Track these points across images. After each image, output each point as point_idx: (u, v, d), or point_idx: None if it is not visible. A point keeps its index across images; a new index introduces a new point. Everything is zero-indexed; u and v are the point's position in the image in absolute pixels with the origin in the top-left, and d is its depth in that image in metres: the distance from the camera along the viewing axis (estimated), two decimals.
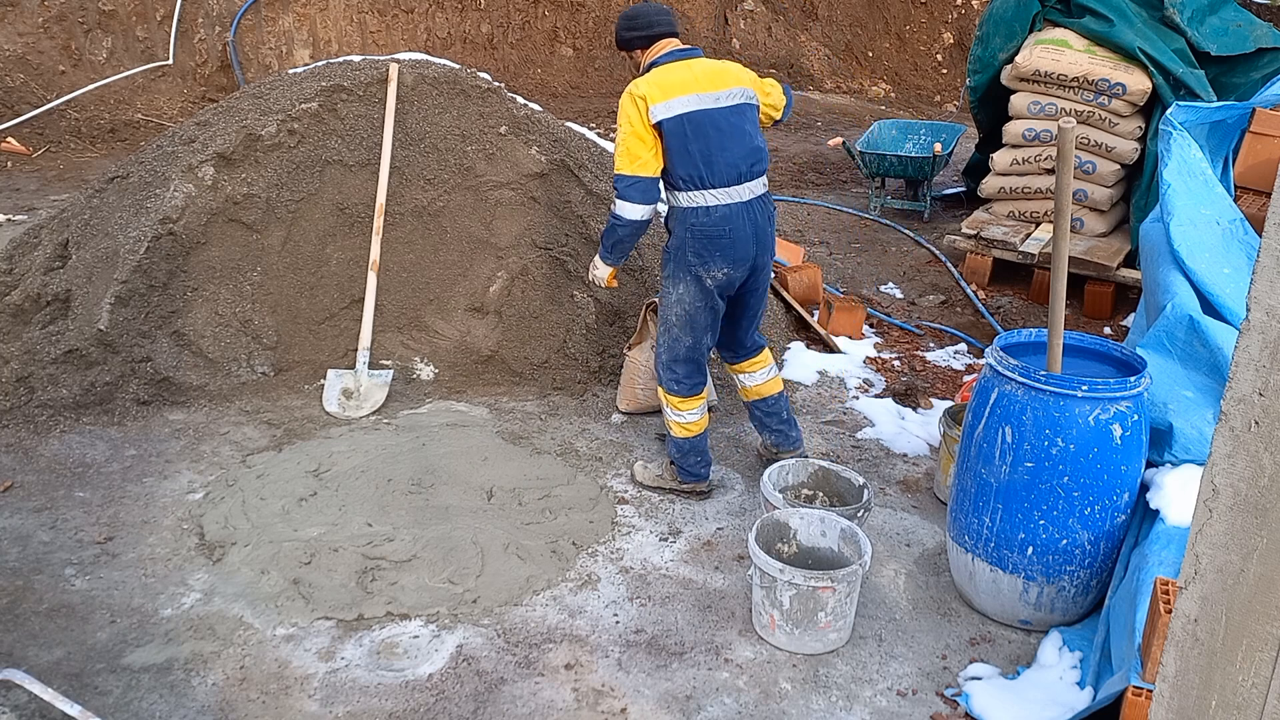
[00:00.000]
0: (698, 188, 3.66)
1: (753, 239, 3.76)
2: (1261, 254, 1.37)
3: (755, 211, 3.76)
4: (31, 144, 8.41)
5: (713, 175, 3.66)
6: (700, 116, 3.64)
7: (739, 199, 3.70)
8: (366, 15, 10.04)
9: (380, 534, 3.77)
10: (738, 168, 3.69)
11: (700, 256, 3.72)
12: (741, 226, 3.71)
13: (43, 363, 4.44)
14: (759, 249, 3.80)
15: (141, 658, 3.15)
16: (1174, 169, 4.40)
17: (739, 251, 3.74)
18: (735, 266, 3.76)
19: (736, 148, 3.69)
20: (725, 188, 3.68)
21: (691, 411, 3.98)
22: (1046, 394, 3.21)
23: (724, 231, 3.69)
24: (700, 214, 3.69)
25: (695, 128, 3.63)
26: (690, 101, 3.63)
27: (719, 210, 3.68)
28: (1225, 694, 1.52)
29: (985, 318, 6.07)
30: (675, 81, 3.65)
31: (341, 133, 4.98)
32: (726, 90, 3.72)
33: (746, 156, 3.71)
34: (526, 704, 3.05)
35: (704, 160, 3.64)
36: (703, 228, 3.69)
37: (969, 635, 3.45)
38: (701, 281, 3.76)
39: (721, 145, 3.66)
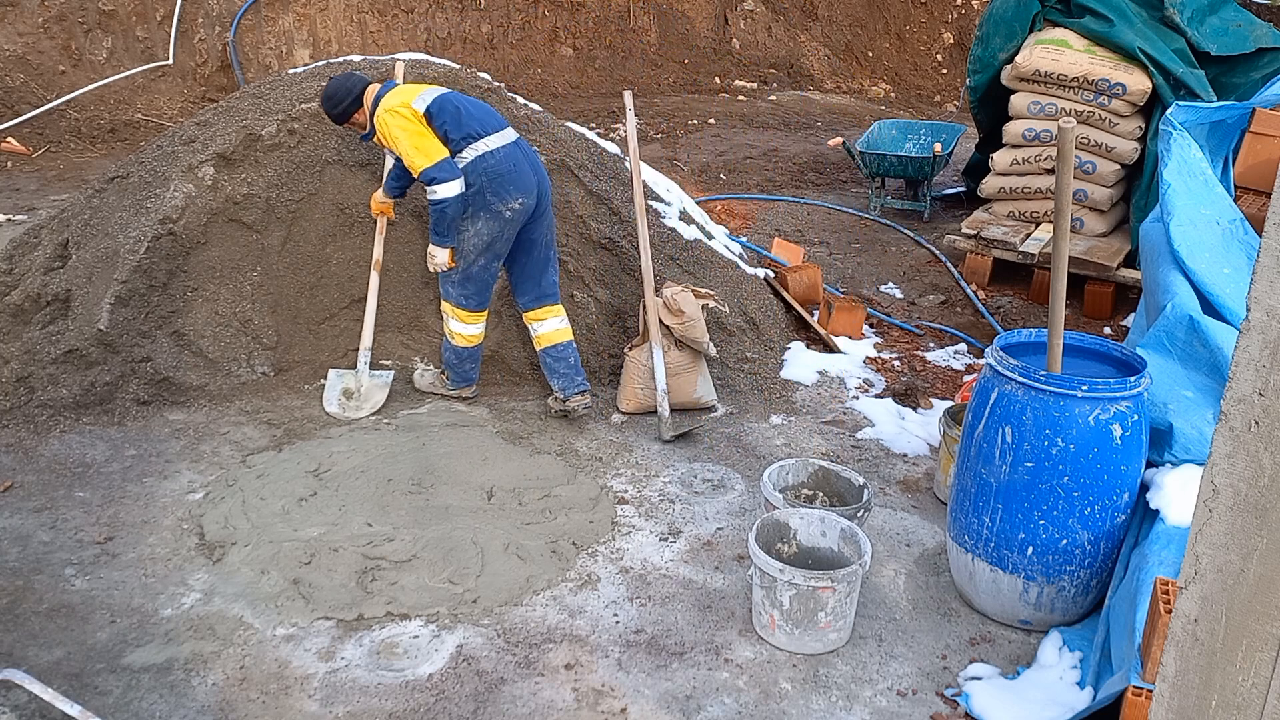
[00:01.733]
0: (477, 138, 4.28)
1: (531, 171, 4.39)
2: (1261, 254, 1.37)
3: (524, 148, 4.43)
4: (31, 144, 8.41)
5: (483, 127, 4.31)
6: (447, 95, 4.35)
7: (509, 140, 4.37)
8: (366, 15, 10.04)
9: (380, 534, 3.77)
10: (495, 117, 4.40)
11: (498, 193, 4.30)
12: (520, 161, 4.35)
13: (43, 363, 4.44)
14: (539, 179, 4.43)
15: (141, 658, 3.15)
16: (1174, 169, 4.40)
17: (525, 181, 4.35)
18: (527, 195, 4.35)
19: (480, 107, 4.42)
20: (495, 134, 4.33)
21: (474, 325, 4.58)
22: (1046, 394, 3.21)
23: (510, 167, 4.30)
24: (488, 157, 4.28)
25: (449, 102, 4.30)
26: (432, 90, 4.35)
27: (500, 150, 4.31)
28: (1225, 694, 1.52)
29: (985, 318, 6.07)
30: (410, 88, 4.40)
31: (341, 133, 4.98)
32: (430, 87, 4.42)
33: (491, 113, 4.43)
34: (526, 704, 3.05)
35: (470, 119, 4.29)
36: (493, 168, 4.28)
37: (969, 635, 3.45)
38: (501, 214, 4.33)
39: (472, 105, 4.38)
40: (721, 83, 11.81)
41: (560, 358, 4.60)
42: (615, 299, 5.10)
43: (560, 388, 4.59)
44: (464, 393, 4.72)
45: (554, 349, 4.61)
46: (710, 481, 4.27)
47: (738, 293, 5.36)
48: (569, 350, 4.63)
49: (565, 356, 4.61)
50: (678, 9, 12.03)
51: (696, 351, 4.76)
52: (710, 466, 4.38)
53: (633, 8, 11.78)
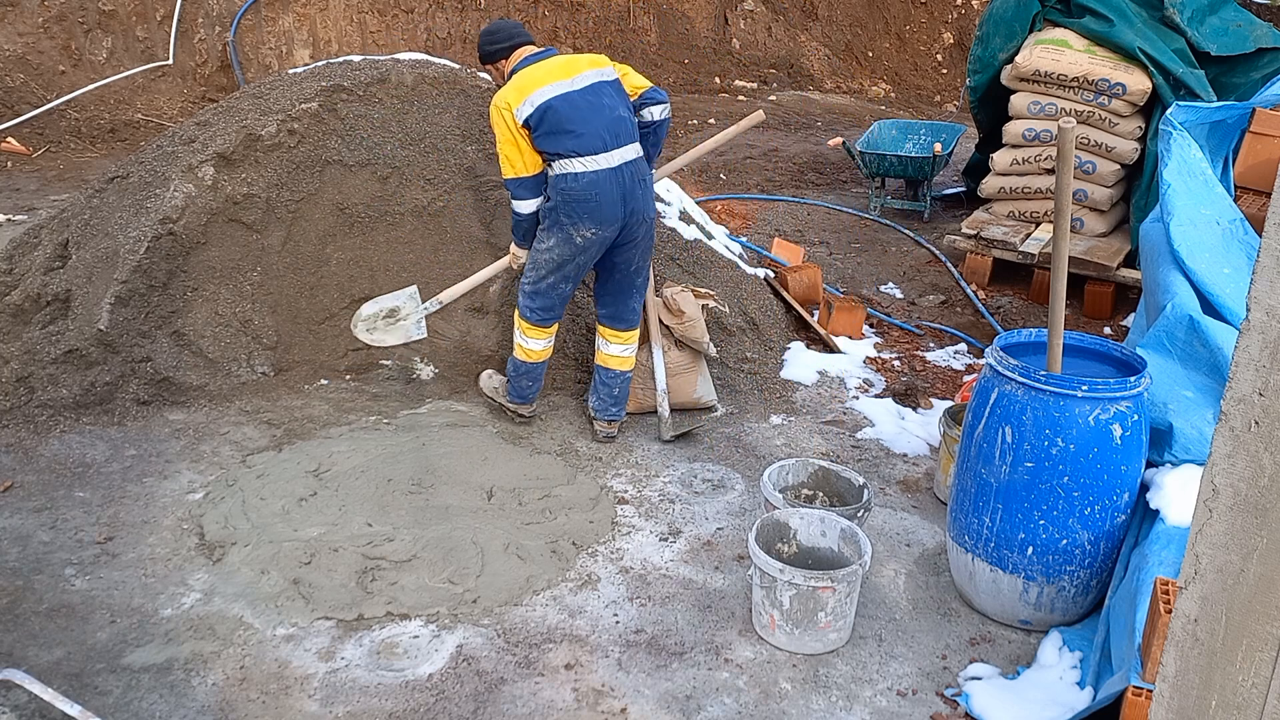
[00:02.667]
0: (568, 157, 4.06)
1: (620, 201, 4.13)
2: (1261, 254, 1.37)
3: (624, 176, 4.14)
4: (31, 144, 8.41)
5: (581, 147, 4.05)
6: (558, 101, 4.04)
7: (606, 165, 4.09)
8: (366, 15, 10.04)
9: (380, 534, 3.77)
10: (602, 138, 4.08)
11: (570, 217, 4.11)
12: (608, 190, 4.09)
13: (43, 363, 4.44)
14: (627, 211, 4.16)
15: (141, 658, 3.15)
16: (1174, 169, 4.40)
17: (605, 213, 4.11)
18: (602, 227, 4.14)
19: (598, 119, 4.08)
20: (591, 155, 4.06)
21: (537, 340, 4.41)
22: (1046, 394, 3.21)
23: (591, 195, 4.08)
24: (570, 179, 4.07)
25: (554, 113, 4.03)
26: (547, 91, 4.05)
27: (586, 176, 4.06)
28: (1225, 694, 1.52)
29: (985, 318, 6.07)
30: (531, 80, 4.09)
31: (341, 133, 4.98)
32: (579, 74, 4.14)
33: (610, 126, 4.10)
34: (526, 704, 3.05)
35: (568, 137, 4.04)
36: (572, 192, 4.08)
37: (969, 635, 3.46)
38: (572, 239, 4.15)
39: (584, 117, 4.06)
40: (721, 83, 11.81)
41: (606, 382, 4.48)
42: None
43: (593, 406, 4.52)
44: (519, 410, 4.52)
45: (606, 371, 4.48)
46: (710, 481, 4.27)
47: (738, 293, 5.36)
48: (618, 380, 4.48)
49: (611, 384, 4.48)
50: (678, 9, 12.02)
51: (696, 351, 4.76)
52: (710, 466, 4.38)
53: (633, 8, 11.78)
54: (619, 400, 4.52)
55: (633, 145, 4.18)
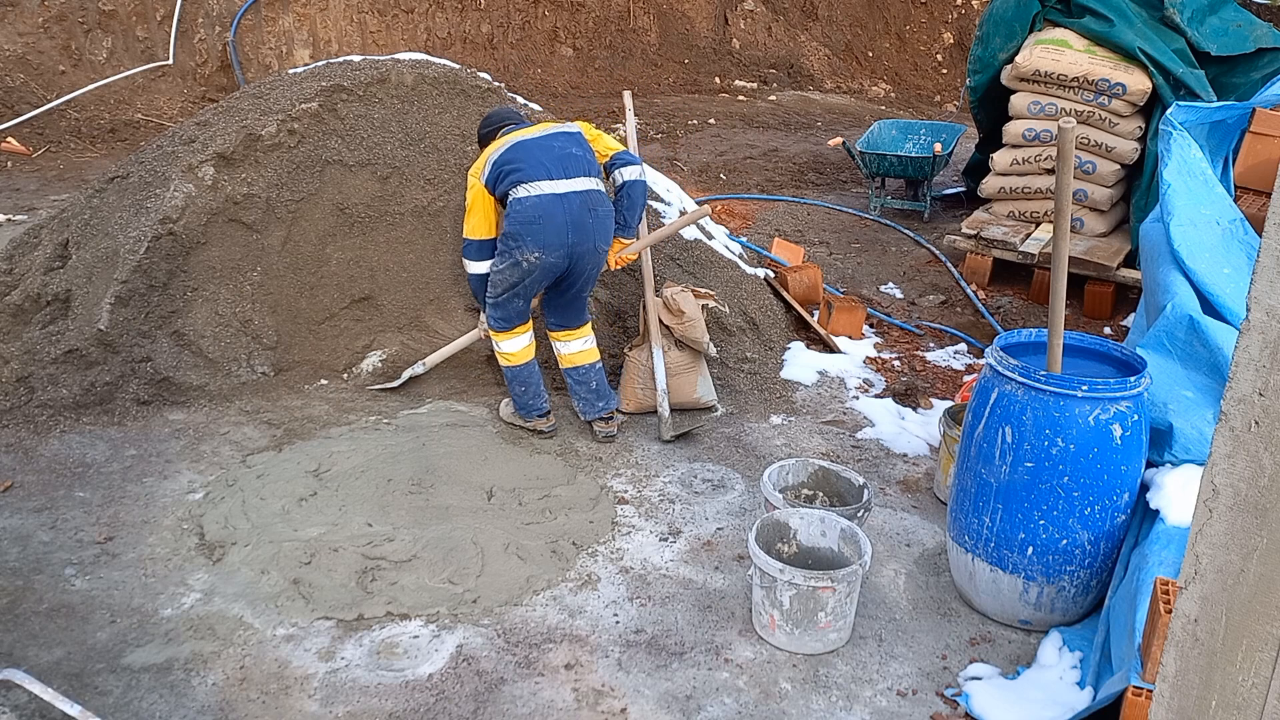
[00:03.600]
0: (519, 184, 4.17)
1: (566, 227, 4.19)
2: (1261, 254, 1.37)
3: (572, 203, 4.21)
4: (31, 144, 8.41)
5: (524, 174, 4.17)
6: (515, 148, 4.24)
7: (551, 190, 4.18)
8: (366, 15, 10.04)
9: (380, 534, 3.77)
10: (546, 167, 4.20)
11: (517, 240, 4.19)
12: (553, 213, 4.17)
13: (43, 363, 4.44)
14: (575, 239, 4.23)
15: (141, 658, 3.15)
16: (1174, 169, 4.40)
17: (549, 238, 4.18)
18: (546, 251, 4.20)
19: (545, 155, 4.23)
20: (534, 181, 4.17)
21: (508, 342, 4.45)
22: (1046, 394, 3.21)
23: (535, 217, 4.15)
24: (516, 204, 4.18)
25: (510, 156, 4.22)
26: (503, 147, 4.25)
27: (529, 199, 4.16)
28: (1225, 694, 1.52)
29: (985, 318, 6.07)
30: (493, 147, 4.30)
31: (341, 133, 4.98)
32: (541, 129, 4.35)
33: (558, 160, 4.24)
34: (526, 704, 3.05)
35: (518, 167, 4.18)
36: (517, 215, 4.17)
37: (969, 635, 3.45)
38: (520, 264, 4.22)
39: (532, 155, 4.22)
40: (721, 83, 11.81)
41: (581, 380, 4.52)
42: (615, 299, 5.11)
43: (581, 410, 4.54)
44: (538, 427, 4.50)
45: (575, 370, 4.53)
46: (710, 481, 4.27)
47: (738, 293, 5.36)
48: (591, 373, 4.53)
49: (585, 379, 4.52)
50: (678, 9, 12.03)
51: (696, 351, 4.76)
52: (710, 466, 4.38)
53: (633, 8, 11.78)
54: (600, 393, 4.54)
55: (587, 179, 4.27)
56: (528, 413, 4.50)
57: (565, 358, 4.56)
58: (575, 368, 4.53)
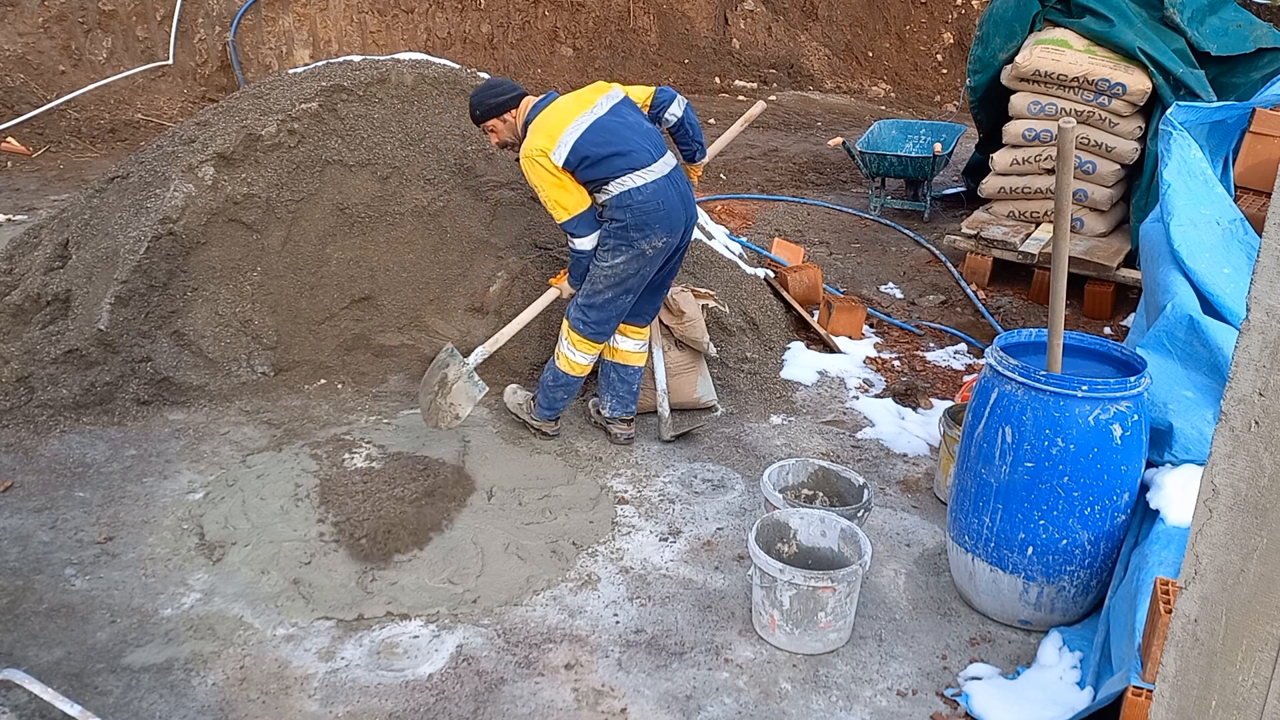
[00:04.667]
0: (624, 174, 4.03)
1: (680, 205, 4.17)
2: (1261, 254, 1.37)
3: (677, 181, 4.18)
4: (31, 144, 8.41)
5: (631, 162, 4.04)
6: (590, 133, 4.02)
7: (661, 174, 4.10)
8: (366, 15, 10.04)
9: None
10: (647, 150, 4.09)
11: (642, 230, 4.07)
12: (670, 196, 4.11)
13: (43, 363, 4.44)
14: (688, 215, 4.22)
15: (141, 658, 3.15)
16: (1174, 169, 4.40)
17: (673, 219, 4.14)
18: (672, 234, 4.16)
19: (634, 135, 4.09)
20: (646, 167, 4.07)
21: (586, 354, 4.34)
22: (1046, 394, 3.21)
23: (658, 204, 4.07)
24: (635, 193, 4.04)
25: (589, 144, 4.00)
26: (575, 128, 4.02)
27: (649, 186, 4.06)
28: (1225, 694, 1.52)
29: (985, 318, 6.07)
30: (553, 122, 4.05)
31: (341, 133, 4.98)
32: (595, 103, 4.14)
33: (649, 138, 4.14)
34: (526, 704, 3.05)
35: (616, 158, 4.02)
36: (639, 205, 4.05)
37: (969, 635, 3.45)
38: (644, 253, 4.12)
39: (624, 137, 4.06)
40: (721, 83, 11.81)
41: (623, 379, 4.46)
42: None
43: (609, 405, 4.49)
44: (544, 428, 4.46)
45: (623, 368, 4.46)
46: (710, 481, 4.27)
47: (738, 293, 5.36)
48: (633, 376, 4.48)
49: (630, 380, 4.47)
50: (678, 9, 12.02)
51: (696, 351, 4.76)
52: (710, 466, 4.38)
53: (633, 8, 11.78)
54: (635, 396, 4.52)
55: (669, 153, 4.21)
56: (548, 409, 4.43)
57: (622, 354, 4.45)
58: (627, 366, 4.46)
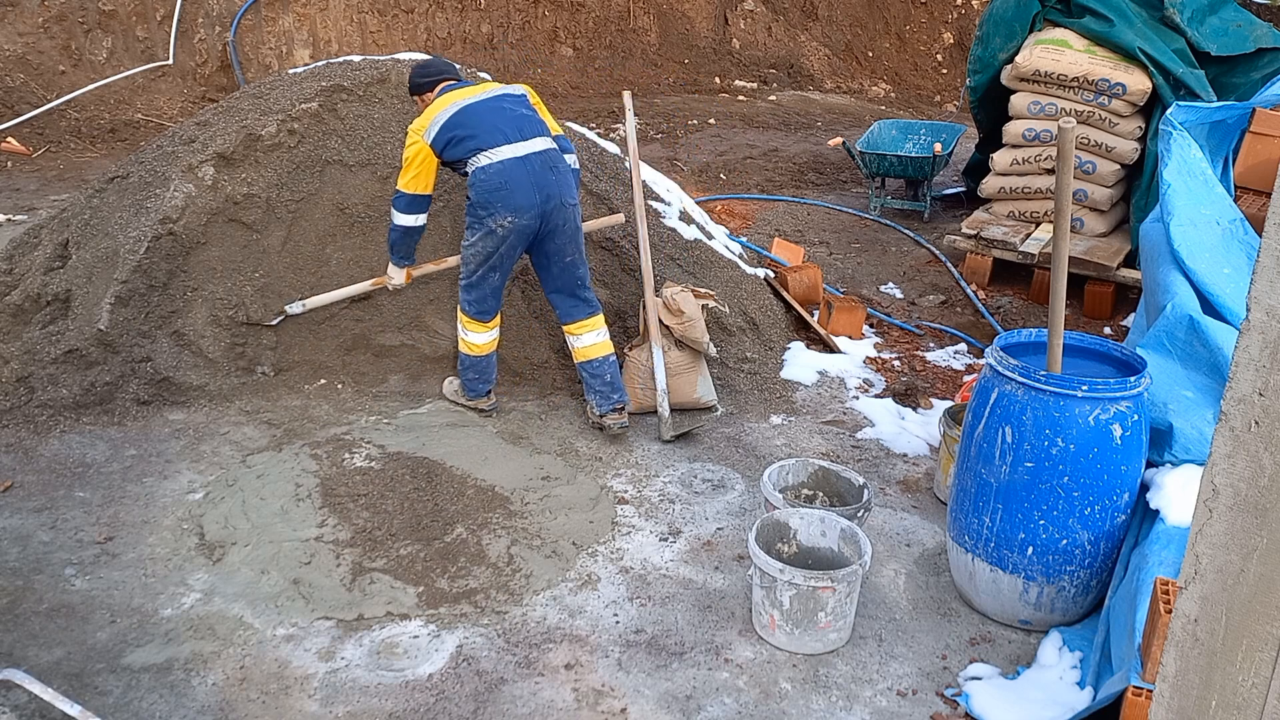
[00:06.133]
0: (478, 152, 4.20)
1: (532, 188, 4.21)
2: (1261, 254, 1.37)
3: (533, 164, 4.24)
4: (31, 144, 8.41)
5: (488, 141, 4.20)
6: (463, 112, 4.23)
7: (512, 155, 4.20)
8: (366, 15, 10.04)
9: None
10: (503, 131, 4.22)
11: (487, 208, 4.21)
12: (518, 177, 4.20)
13: (43, 363, 4.44)
14: (542, 197, 4.24)
15: (141, 658, 3.15)
16: (1174, 169, 4.40)
17: (519, 199, 4.20)
18: (519, 214, 4.21)
19: (499, 119, 4.25)
20: (494, 147, 4.19)
21: (479, 333, 4.49)
22: (1046, 394, 3.21)
23: (501, 183, 4.18)
24: (479, 172, 4.20)
25: (459, 120, 4.21)
26: (448, 110, 4.24)
27: (493, 166, 4.18)
28: (1225, 694, 1.52)
29: (985, 318, 6.07)
30: (437, 105, 4.28)
31: (341, 133, 4.98)
32: (485, 91, 4.36)
33: (513, 123, 4.27)
34: (526, 704, 3.05)
35: (473, 134, 4.20)
36: (483, 183, 4.20)
37: (969, 635, 3.45)
38: (494, 231, 4.24)
39: (485, 120, 4.23)
40: (721, 83, 11.81)
41: (596, 374, 4.50)
42: (615, 299, 5.10)
43: (595, 404, 4.52)
44: (479, 404, 4.64)
45: (589, 364, 4.52)
46: (710, 481, 4.27)
47: (738, 293, 5.36)
48: (605, 365, 4.52)
49: (601, 373, 4.50)
50: (678, 9, 12.02)
51: (696, 351, 4.76)
52: (710, 466, 4.38)
53: (633, 8, 11.78)
54: (614, 385, 4.53)
55: (541, 139, 4.30)
56: (472, 393, 4.62)
57: (579, 351, 4.54)
58: (589, 361, 4.52)
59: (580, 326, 4.53)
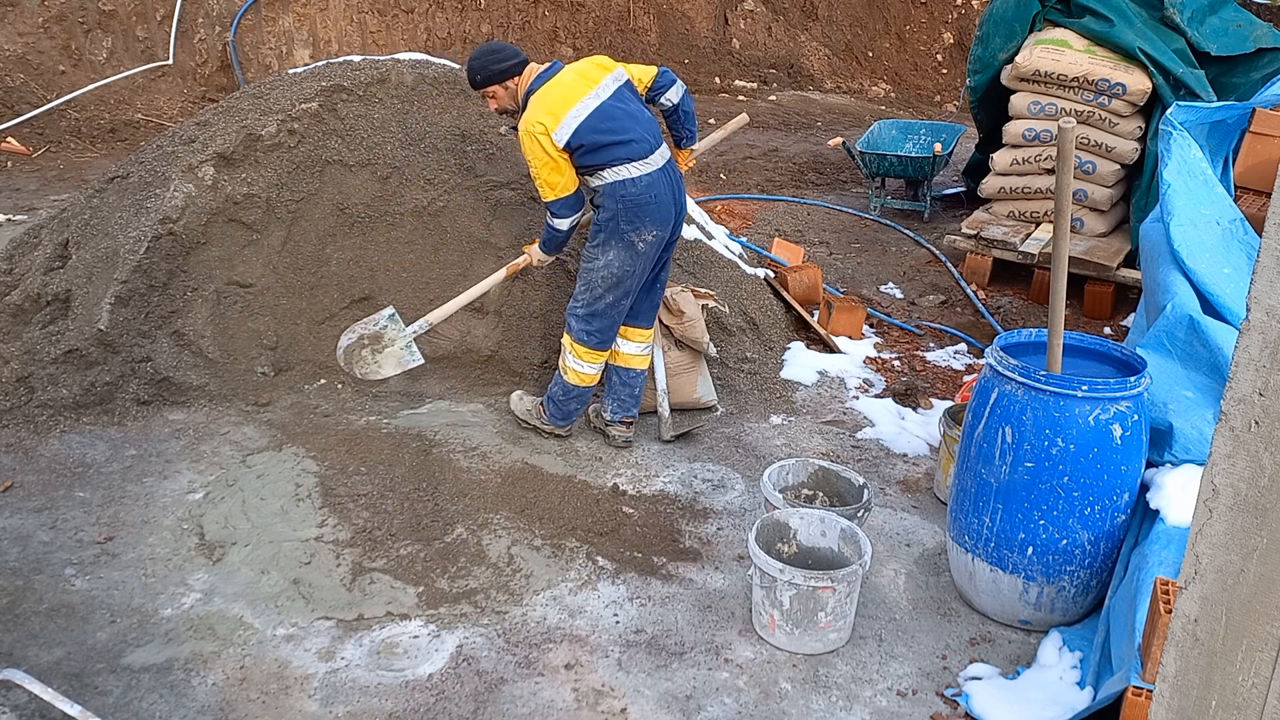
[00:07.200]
0: (620, 164, 4.02)
1: (671, 200, 4.14)
2: (1261, 254, 1.37)
3: (671, 175, 4.16)
4: (31, 144, 8.41)
5: (632, 150, 4.02)
6: (594, 117, 3.98)
7: (656, 166, 4.09)
8: (366, 15, 10.04)
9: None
10: (647, 140, 4.07)
11: (632, 223, 4.06)
12: (662, 190, 4.10)
13: (43, 363, 4.44)
14: (678, 208, 4.19)
15: (141, 658, 3.15)
16: (1174, 169, 4.40)
17: (663, 213, 4.11)
18: (663, 228, 4.13)
19: (635, 124, 4.06)
20: (643, 159, 4.04)
21: (592, 364, 4.32)
22: (1046, 394, 3.21)
23: (651, 197, 4.06)
24: (629, 185, 4.03)
25: (598, 122, 3.98)
26: (580, 109, 3.98)
27: (644, 179, 4.05)
28: (1225, 694, 1.52)
29: (985, 318, 6.07)
30: (558, 100, 3.99)
31: (341, 133, 4.98)
32: (600, 84, 4.08)
33: (648, 128, 4.10)
34: (526, 704, 3.05)
35: (619, 141, 4.00)
36: (632, 197, 4.04)
37: (969, 635, 3.45)
38: (634, 246, 4.10)
39: (624, 125, 4.03)
40: (721, 83, 11.81)
41: (626, 382, 4.43)
42: None
43: (610, 409, 4.47)
44: (559, 430, 4.45)
45: (627, 371, 4.43)
46: (710, 481, 4.27)
47: (738, 293, 5.35)
48: (636, 379, 4.45)
49: (632, 383, 4.44)
50: (678, 9, 12.02)
51: (696, 351, 4.76)
52: (710, 466, 4.38)
53: (633, 8, 11.78)
54: (636, 400, 4.49)
55: (665, 144, 4.20)
56: (562, 419, 4.43)
57: (624, 356, 4.42)
58: (630, 370, 4.44)
59: (637, 334, 4.42)
